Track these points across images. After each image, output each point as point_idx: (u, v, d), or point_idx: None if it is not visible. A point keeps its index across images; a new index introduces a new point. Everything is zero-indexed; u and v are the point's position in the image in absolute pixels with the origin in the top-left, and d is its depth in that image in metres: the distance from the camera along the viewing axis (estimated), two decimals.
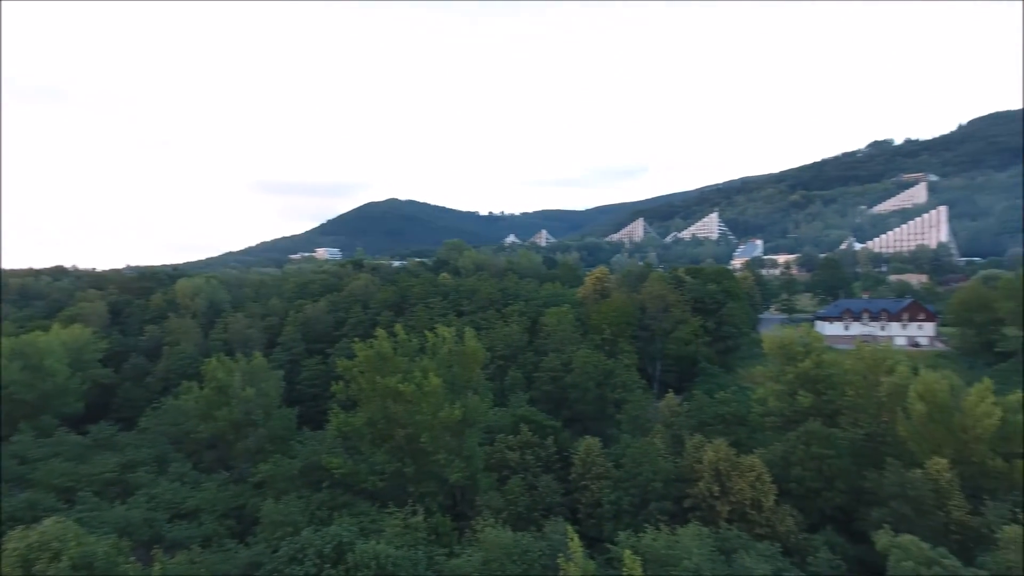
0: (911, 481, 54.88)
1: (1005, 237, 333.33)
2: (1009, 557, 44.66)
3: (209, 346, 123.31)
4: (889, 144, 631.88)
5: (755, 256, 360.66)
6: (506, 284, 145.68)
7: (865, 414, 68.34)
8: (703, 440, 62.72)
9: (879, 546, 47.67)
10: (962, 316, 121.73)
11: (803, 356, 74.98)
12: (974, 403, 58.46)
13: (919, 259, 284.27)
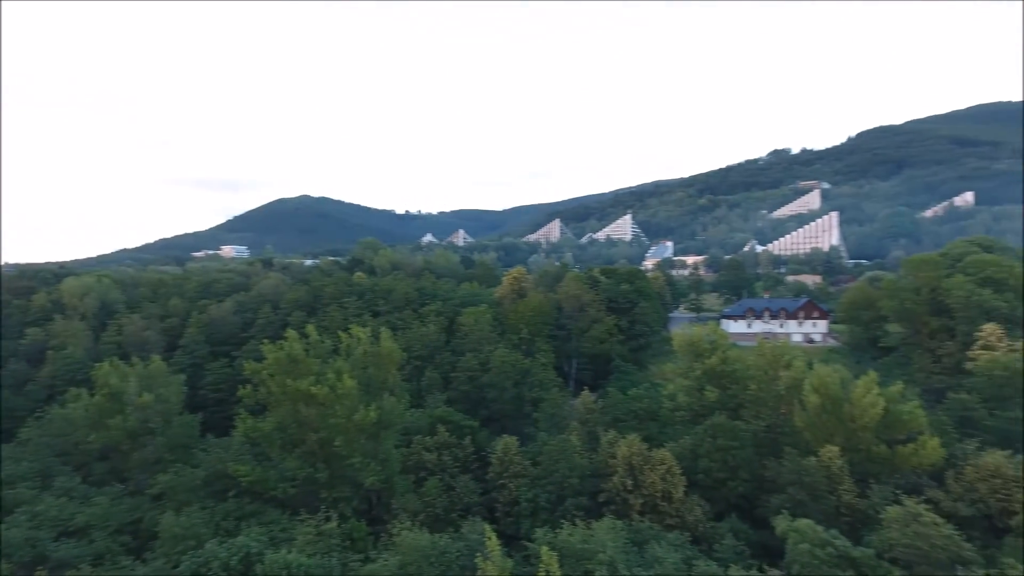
0: (806, 468, 58.49)
1: (888, 241, 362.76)
2: (892, 535, 48.38)
3: (100, 350, 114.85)
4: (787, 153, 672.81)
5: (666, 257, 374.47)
6: (423, 284, 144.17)
7: (766, 407, 72.21)
8: (617, 436, 64.34)
9: (778, 531, 50.46)
10: (851, 314, 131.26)
11: (710, 353, 78.41)
12: (861, 394, 62.99)
13: (813, 261, 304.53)
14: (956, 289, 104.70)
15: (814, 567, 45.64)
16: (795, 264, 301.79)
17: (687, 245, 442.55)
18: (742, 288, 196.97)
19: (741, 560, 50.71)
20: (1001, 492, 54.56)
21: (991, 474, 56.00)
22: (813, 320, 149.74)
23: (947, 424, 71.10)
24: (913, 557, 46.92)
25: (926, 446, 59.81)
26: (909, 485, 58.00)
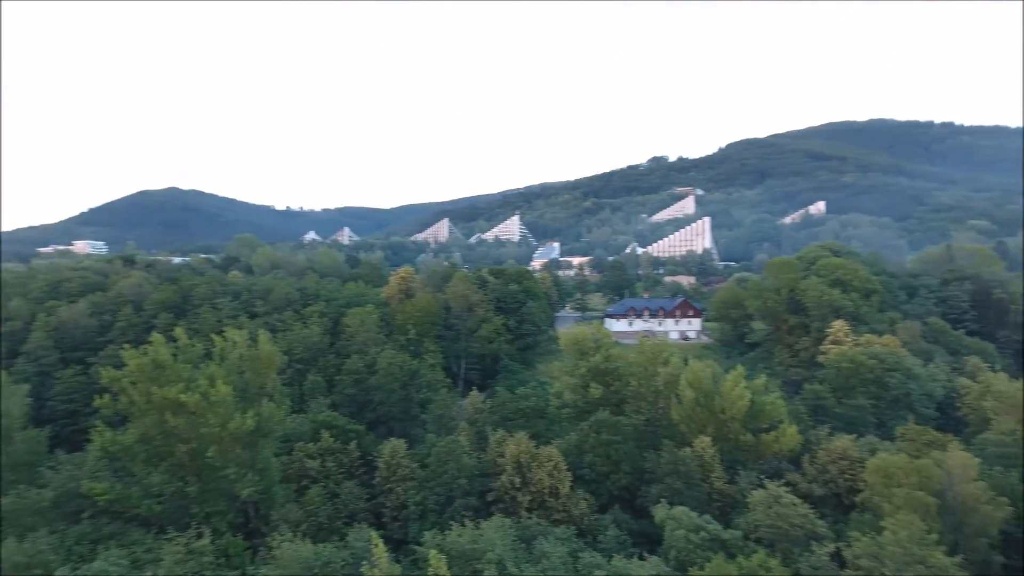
0: (682, 459, 61.84)
1: (753, 245, 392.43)
2: (757, 517, 52.21)
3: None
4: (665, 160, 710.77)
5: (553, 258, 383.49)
6: (305, 283, 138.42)
7: (646, 402, 75.61)
8: (505, 435, 64.87)
9: (657, 519, 53.00)
10: (721, 313, 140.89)
11: (594, 351, 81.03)
12: (730, 388, 67.52)
13: (689, 263, 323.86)
14: (810, 289, 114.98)
15: (689, 551, 48.31)
16: (672, 265, 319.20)
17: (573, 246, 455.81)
18: (624, 288, 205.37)
19: (623, 549, 52.67)
20: (848, 472, 60.51)
21: (840, 456, 61.95)
22: (688, 318, 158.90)
23: (803, 413, 77.85)
24: (775, 536, 50.88)
25: (786, 433, 65.10)
26: (772, 470, 62.90)
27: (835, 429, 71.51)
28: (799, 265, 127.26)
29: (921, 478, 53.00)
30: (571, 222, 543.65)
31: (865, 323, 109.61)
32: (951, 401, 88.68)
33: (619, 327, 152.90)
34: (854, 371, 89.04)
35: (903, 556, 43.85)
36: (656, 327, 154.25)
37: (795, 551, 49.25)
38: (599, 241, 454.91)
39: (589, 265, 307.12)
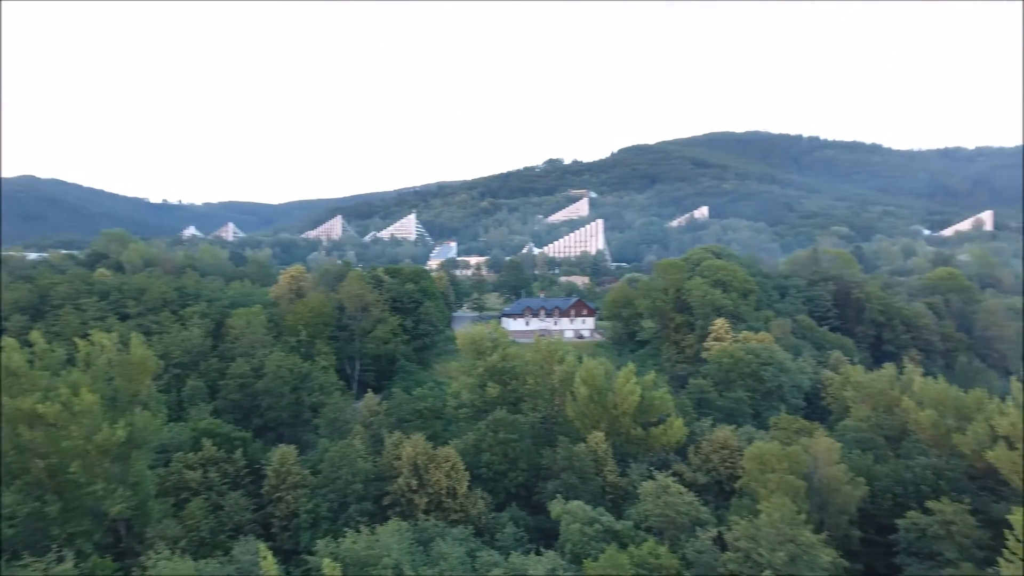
0: (577, 454, 63.40)
1: (643, 247, 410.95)
2: (647, 507, 54.41)
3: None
4: (560, 163, 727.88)
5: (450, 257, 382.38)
6: (184, 282, 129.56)
7: (542, 399, 76.92)
8: (402, 437, 63.77)
9: (553, 514, 54.00)
10: (613, 311, 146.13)
11: (491, 351, 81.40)
12: (622, 384, 70.04)
13: (583, 263, 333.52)
14: (695, 289, 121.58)
15: (584, 544, 49.58)
16: (567, 266, 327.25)
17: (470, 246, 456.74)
18: (521, 288, 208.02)
19: (521, 546, 53.25)
20: (728, 461, 64.43)
21: (721, 446, 65.85)
22: (583, 317, 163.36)
23: (688, 406, 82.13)
24: (664, 524, 53.26)
25: (673, 426, 68.42)
26: (660, 461, 65.82)
27: (717, 421, 75.93)
28: (685, 266, 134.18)
29: (791, 463, 57.29)
30: (468, 222, 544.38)
31: (743, 321, 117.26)
32: (817, 392, 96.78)
33: (516, 326, 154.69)
34: (734, 366, 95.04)
35: (776, 536, 47.19)
36: (552, 326, 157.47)
37: (682, 537, 51.79)
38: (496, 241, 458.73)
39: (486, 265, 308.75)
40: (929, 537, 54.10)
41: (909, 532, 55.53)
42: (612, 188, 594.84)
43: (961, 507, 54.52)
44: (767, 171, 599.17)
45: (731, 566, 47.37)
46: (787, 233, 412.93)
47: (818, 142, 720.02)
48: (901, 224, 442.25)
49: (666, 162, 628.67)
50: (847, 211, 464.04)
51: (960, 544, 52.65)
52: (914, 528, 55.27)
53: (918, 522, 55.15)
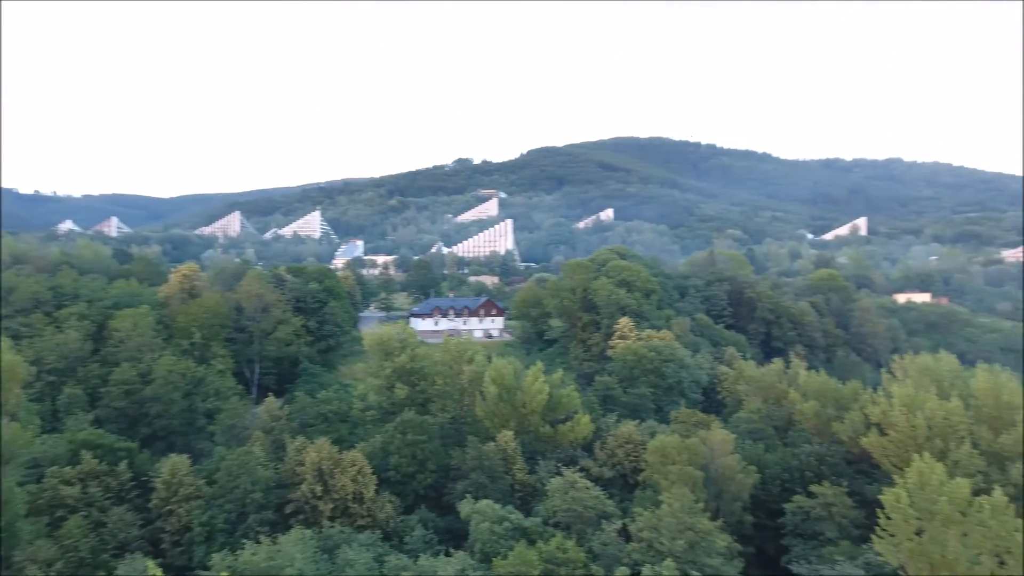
0: (486, 454, 63.46)
1: (552, 247, 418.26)
2: (555, 503, 55.25)
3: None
4: (470, 162, 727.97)
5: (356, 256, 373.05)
6: (60, 281, 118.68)
7: (451, 400, 76.49)
8: (305, 442, 61.51)
9: (463, 514, 53.79)
10: (522, 311, 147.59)
11: (399, 351, 80.00)
12: (531, 382, 70.83)
13: (492, 263, 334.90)
14: (601, 289, 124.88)
15: (493, 542, 49.70)
16: (476, 266, 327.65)
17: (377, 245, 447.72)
18: (430, 288, 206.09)
19: (430, 548, 52.67)
20: (633, 455, 66.57)
21: (626, 441, 67.94)
22: (492, 317, 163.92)
23: (595, 403, 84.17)
24: (571, 518, 54.29)
25: (580, 423, 69.90)
26: (568, 457, 67.05)
27: (622, 416, 78.27)
28: (591, 267, 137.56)
29: (690, 455, 60.03)
30: (376, 220, 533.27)
31: (646, 319, 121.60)
32: (713, 386, 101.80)
33: (425, 326, 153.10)
34: (637, 363, 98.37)
35: (677, 525, 49.24)
36: (461, 326, 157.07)
37: (588, 531, 52.99)
38: (404, 240, 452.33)
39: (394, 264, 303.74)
40: (812, 518, 58.26)
41: (795, 515, 59.57)
42: (521, 189, 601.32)
43: (840, 490, 59.09)
44: (669, 176, 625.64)
45: (635, 556, 48.95)
46: (687, 235, 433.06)
47: (715, 150, 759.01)
48: (788, 228, 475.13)
49: (574, 164, 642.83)
50: (741, 215, 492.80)
51: (839, 524, 57.03)
52: (799, 511, 59.36)
53: (803, 505, 59.27)
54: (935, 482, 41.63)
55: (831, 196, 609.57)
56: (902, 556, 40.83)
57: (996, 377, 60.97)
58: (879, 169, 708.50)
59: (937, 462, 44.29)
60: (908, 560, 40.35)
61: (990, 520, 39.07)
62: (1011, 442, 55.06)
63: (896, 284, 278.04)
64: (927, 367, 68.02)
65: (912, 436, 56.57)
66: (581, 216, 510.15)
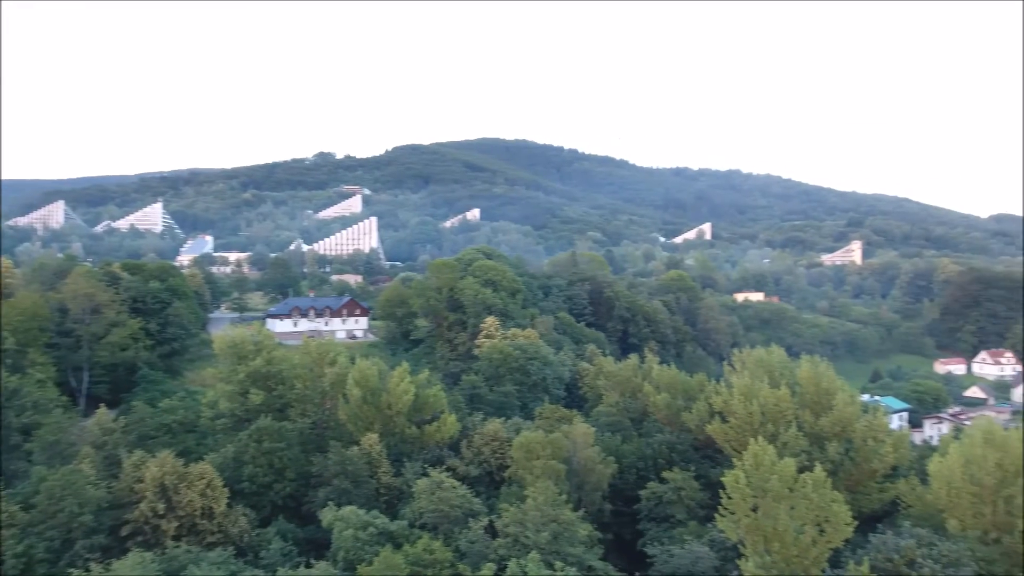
0: (350, 458, 61.40)
1: (418, 246, 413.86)
2: (421, 505, 54.56)
3: None
4: (332, 157, 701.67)
5: (205, 253, 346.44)
6: None
7: (312, 404, 73.29)
8: (145, 455, 56.04)
9: (325, 523, 51.61)
10: (387, 311, 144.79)
11: (254, 354, 75.19)
12: (396, 383, 69.53)
13: (355, 262, 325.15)
14: (467, 289, 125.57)
15: (357, 549, 48.09)
16: (339, 264, 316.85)
17: (229, 241, 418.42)
18: (288, 287, 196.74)
19: (289, 560, 50.01)
20: (499, 452, 67.42)
21: (492, 438, 68.66)
22: (355, 317, 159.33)
23: (461, 402, 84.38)
24: (438, 519, 53.87)
25: (446, 423, 69.69)
26: (434, 458, 66.54)
27: (488, 414, 79.02)
28: (457, 266, 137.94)
29: (554, 449, 61.94)
30: (227, 214, 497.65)
31: (511, 318, 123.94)
32: (575, 382, 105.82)
33: (283, 327, 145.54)
34: (503, 361, 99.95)
35: (541, 518, 50.49)
36: (323, 327, 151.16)
37: (456, 530, 52.87)
38: (260, 236, 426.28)
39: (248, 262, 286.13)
40: (664, 503, 62.37)
41: (649, 500, 63.46)
42: (386, 186, 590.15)
43: (688, 474, 63.74)
44: (533, 178, 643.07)
45: (501, 551, 49.54)
46: (550, 236, 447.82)
47: (577, 155, 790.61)
48: (643, 232, 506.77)
49: (440, 163, 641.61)
50: (600, 218, 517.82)
51: (688, 506, 61.50)
52: (653, 496, 63.31)
53: (656, 491, 63.27)
54: (767, 463, 45.90)
55: (680, 202, 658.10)
56: (741, 531, 44.63)
57: (816, 367, 68.54)
58: (721, 179, 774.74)
59: (769, 445, 48.93)
60: (746, 534, 44.17)
61: (812, 494, 43.74)
62: (829, 423, 62.19)
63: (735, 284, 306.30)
64: (761, 359, 74.97)
65: (749, 422, 62.14)
66: (447, 215, 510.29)
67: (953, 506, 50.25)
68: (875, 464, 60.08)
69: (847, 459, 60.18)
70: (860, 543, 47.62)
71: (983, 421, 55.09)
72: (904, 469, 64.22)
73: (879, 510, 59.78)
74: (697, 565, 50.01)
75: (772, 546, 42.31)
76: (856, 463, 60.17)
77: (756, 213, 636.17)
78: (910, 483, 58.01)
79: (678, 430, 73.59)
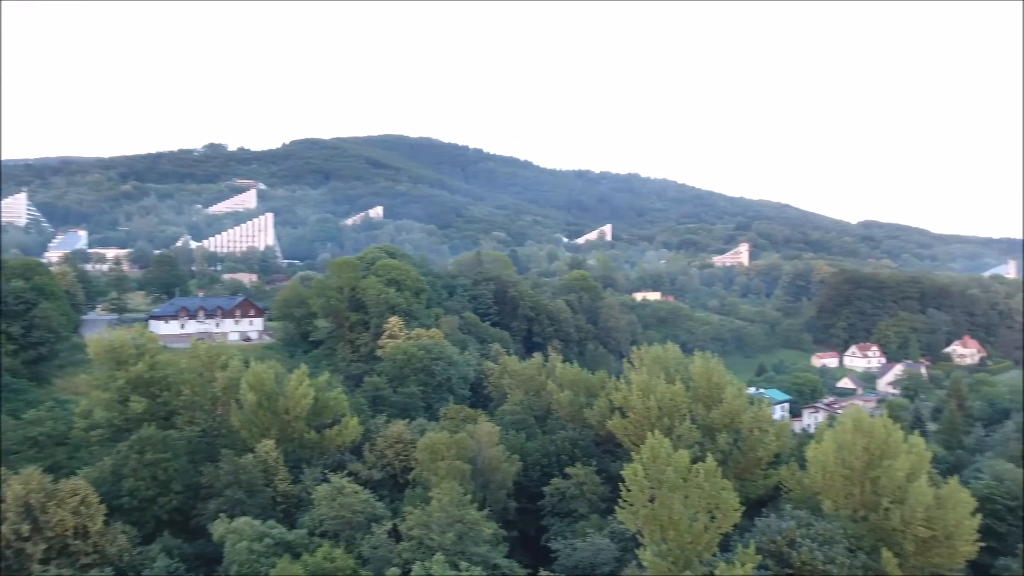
0: (243, 467, 58.40)
1: (317, 244, 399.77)
2: (321, 512, 52.73)
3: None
4: (224, 148, 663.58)
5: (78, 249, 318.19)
6: None
7: (201, 411, 69.22)
8: (8, 473, 50.73)
9: (216, 536, 48.80)
10: (285, 311, 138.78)
11: (136, 359, 69.96)
12: (294, 387, 66.86)
13: (250, 260, 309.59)
14: (370, 288, 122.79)
15: (252, 562, 45.81)
16: (232, 262, 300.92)
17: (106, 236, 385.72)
18: (175, 286, 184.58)
19: None
20: (403, 454, 66.37)
21: (396, 441, 67.48)
22: (250, 318, 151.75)
23: (364, 404, 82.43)
24: (339, 526, 52.27)
25: (348, 426, 67.81)
26: (335, 463, 64.57)
27: (391, 416, 77.65)
28: (360, 265, 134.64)
29: (459, 449, 61.74)
30: (104, 207, 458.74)
31: (416, 318, 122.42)
32: (480, 381, 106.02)
33: (169, 330, 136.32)
34: (407, 362, 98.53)
35: (446, 519, 50.12)
36: (213, 329, 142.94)
37: (358, 536, 51.52)
38: (142, 232, 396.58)
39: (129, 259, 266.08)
40: (568, 498, 63.66)
41: (553, 496, 64.56)
42: (284, 181, 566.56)
43: (590, 469, 65.39)
44: (438, 177, 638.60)
45: (405, 555, 48.79)
46: (455, 236, 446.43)
47: (482, 154, 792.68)
48: (547, 232, 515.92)
49: (341, 159, 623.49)
50: (505, 218, 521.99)
51: (589, 500, 63.08)
52: (556, 492, 64.46)
53: (559, 487, 64.47)
54: (663, 455, 47.85)
55: (583, 204, 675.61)
56: (639, 521, 46.26)
57: (708, 363, 72.29)
58: (621, 182, 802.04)
59: (665, 437, 51.01)
60: (643, 524, 45.83)
61: (705, 483, 46.01)
62: (719, 416, 65.77)
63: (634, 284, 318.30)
64: (658, 356, 78.19)
65: (646, 417, 64.60)
66: (349, 213, 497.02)
67: (827, 488, 54.40)
68: (760, 453, 64.09)
69: (735, 449, 63.89)
70: (747, 527, 50.60)
71: (852, 410, 60.09)
72: (785, 456, 68.85)
73: (764, 495, 63.79)
74: (598, 557, 51.35)
75: (668, 534, 44.11)
76: (743, 452, 63.98)
77: (653, 216, 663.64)
78: (791, 469, 62.25)
79: (580, 426, 75.34)
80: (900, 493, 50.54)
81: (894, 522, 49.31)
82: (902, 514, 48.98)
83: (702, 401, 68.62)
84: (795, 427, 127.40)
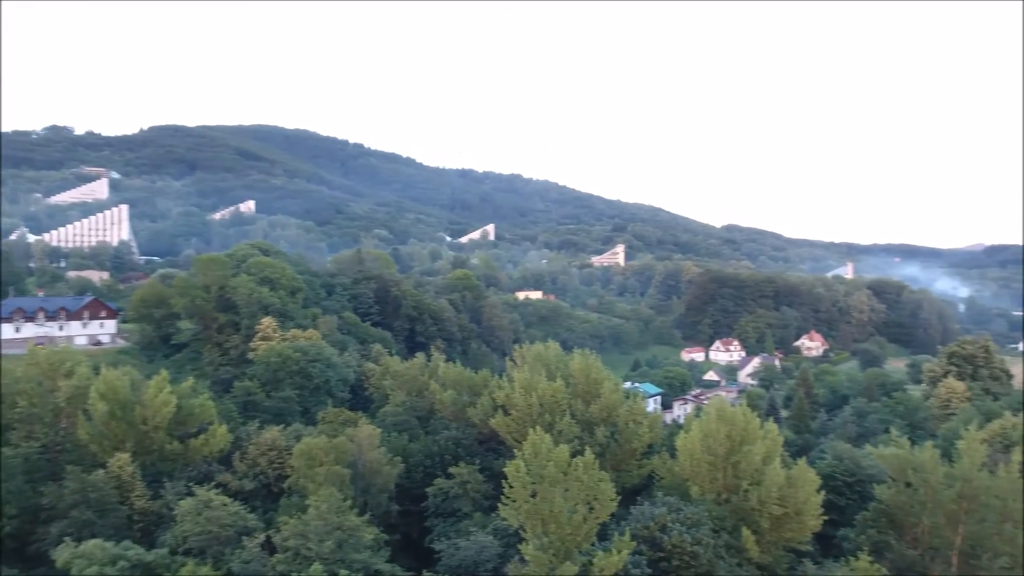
0: (93, 484, 53.02)
1: (180, 239, 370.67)
2: (186, 528, 48.88)
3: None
4: (70, 132, 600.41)
5: None
6: None
7: (41, 424, 62.07)
8: None
9: (60, 563, 43.94)
10: (142, 312, 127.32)
11: None
12: (153, 394, 61.61)
13: (101, 256, 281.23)
14: (241, 287, 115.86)
15: None
16: (79, 258, 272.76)
17: None
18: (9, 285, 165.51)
19: None
20: (277, 462, 63.05)
21: (269, 448, 64.01)
22: (100, 320, 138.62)
23: (233, 410, 77.60)
24: (206, 541, 48.68)
25: (216, 434, 63.42)
26: (201, 474, 60.10)
27: (265, 422, 73.57)
28: (229, 262, 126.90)
29: (338, 454, 59.61)
30: None
31: (291, 319, 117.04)
32: (361, 383, 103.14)
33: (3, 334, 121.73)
34: (282, 365, 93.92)
35: (324, 526, 48.18)
36: (56, 332, 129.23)
37: (227, 551, 48.29)
38: None
39: None
40: (451, 497, 63.39)
41: (436, 496, 64.03)
42: (141, 170, 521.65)
43: (473, 468, 65.48)
44: (316, 171, 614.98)
45: (280, 567, 46.39)
46: (334, 233, 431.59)
47: (363, 149, 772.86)
48: (429, 231, 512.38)
49: (208, 148, 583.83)
50: (387, 216, 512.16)
51: (473, 498, 63.15)
52: (440, 492, 63.98)
53: (443, 487, 64.04)
54: (544, 450, 48.83)
55: (466, 203, 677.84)
56: (521, 517, 46.88)
57: (587, 359, 74.74)
58: (504, 182, 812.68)
59: (546, 433, 52.10)
60: (526, 519, 46.51)
61: (583, 476, 47.47)
62: (597, 410, 68.20)
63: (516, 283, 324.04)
64: (539, 354, 79.77)
65: (528, 414, 65.68)
66: (217, 206, 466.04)
67: (694, 474, 57.99)
68: (635, 444, 67.17)
69: (612, 441, 66.54)
70: (623, 515, 52.83)
71: (716, 400, 64.56)
72: (658, 446, 72.58)
73: (638, 484, 66.90)
74: (482, 555, 51.49)
75: (549, 528, 45.06)
76: (620, 444, 66.77)
77: (535, 216, 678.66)
78: (662, 458, 65.72)
79: (464, 425, 75.28)
80: (757, 476, 54.79)
81: (752, 503, 53.38)
82: (759, 495, 53.10)
83: (581, 397, 70.78)
84: (666, 418, 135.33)
